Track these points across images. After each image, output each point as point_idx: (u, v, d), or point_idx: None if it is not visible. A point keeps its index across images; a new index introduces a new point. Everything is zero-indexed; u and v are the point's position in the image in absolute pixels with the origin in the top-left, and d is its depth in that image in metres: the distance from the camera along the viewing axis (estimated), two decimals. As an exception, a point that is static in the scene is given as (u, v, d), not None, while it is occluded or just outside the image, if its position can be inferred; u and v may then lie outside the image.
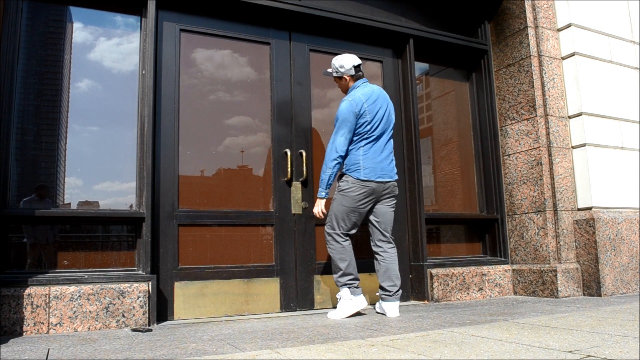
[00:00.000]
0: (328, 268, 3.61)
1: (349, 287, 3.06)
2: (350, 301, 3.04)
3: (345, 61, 3.20)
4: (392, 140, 3.25)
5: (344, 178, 3.14)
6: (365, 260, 3.50)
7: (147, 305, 2.88)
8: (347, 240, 3.10)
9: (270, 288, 3.43)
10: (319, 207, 3.16)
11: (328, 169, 3.09)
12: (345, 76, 3.22)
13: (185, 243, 3.25)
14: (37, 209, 2.88)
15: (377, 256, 3.15)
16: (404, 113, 4.09)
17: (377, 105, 3.14)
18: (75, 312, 2.72)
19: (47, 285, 2.72)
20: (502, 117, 4.44)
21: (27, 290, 2.66)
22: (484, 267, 4.05)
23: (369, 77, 4.14)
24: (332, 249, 3.11)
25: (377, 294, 3.19)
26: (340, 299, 3.08)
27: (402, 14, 4.27)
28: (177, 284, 3.17)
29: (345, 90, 3.28)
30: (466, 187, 4.48)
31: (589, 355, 1.77)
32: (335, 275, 3.10)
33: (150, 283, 2.93)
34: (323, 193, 3.13)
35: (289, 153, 3.55)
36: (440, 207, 4.35)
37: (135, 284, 2.89)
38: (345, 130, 3.07)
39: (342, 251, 3.08)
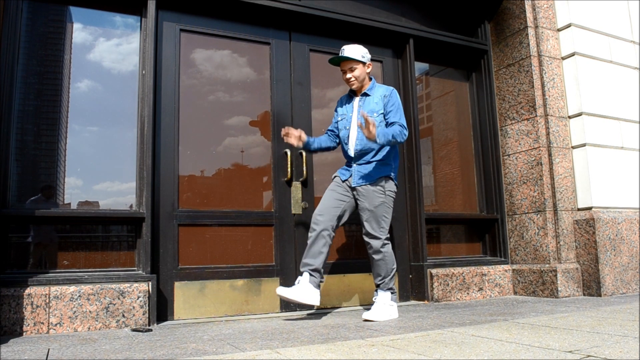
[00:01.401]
0: (328, 268, 3.60)
1: (392, 293, 3.03)
2: (392, 307, 3.00)
3: (365, 49, 3.15)
4: None
5: (389, 181, 3.05)
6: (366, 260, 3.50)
7: (147, 305, 2.88)
8: None
9: (270, 288, 3.43)
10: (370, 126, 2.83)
11: (396, 140, 2.92)
12: (369, 63, 3.14)
13: (185, 243, 3.25)
14: (37, 209, 2.88)
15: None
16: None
17: None
18: (75, 312, 2.72)
19: (47, 285, 2.72)
20: (502, 117, 4.44)
21: (27, 290, 2.66)
22: (484, 267, 4.05)
23: (369, 77, 4.15)
24: (388, 256, 2.99)
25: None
26: (380, 302, 2.97)
27: (402, 14, 4.27)
28: (177, 284, 3.17)
29: (362, 81, 3.10)
30: (466, 187, 4.48)
31: (589, 355, 1.77)
32: (385, 279, 2.99)
33: (150, 283, 2.93)
34: (380, 140, 2.88)
35: (289, 153, 3.55)
36: (440, 207, 4.35)
37: (135, 284, 2.89)
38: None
39: (393, 255, 3.05)
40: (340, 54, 3.10)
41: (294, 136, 3.08)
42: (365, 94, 3.12)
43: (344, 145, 3.15)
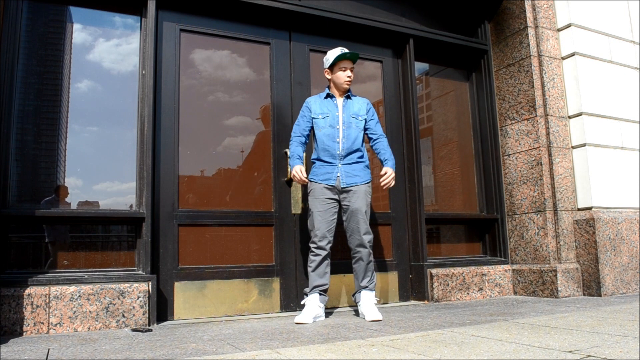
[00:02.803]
0: (328, 268, 3.60)
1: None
2: None
3: None
4: None
5: (371, 184, 3.20)
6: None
7: (147, 305, 2.88)
8: None
9: (270, 288, 3.43)
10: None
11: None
12: None
13: (185, 243, 3.25)
14: (37, 209, 2.88)
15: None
16: (404, 113, 4.10)
17: None
18: (75, 312, 2.72)
19: (47, 285, 2.72)
20: (502, 117, 4.44)
21: (27, 290, 2.66)
22: (484, 267, 4.05)
23: (368, 77, 4.16)
24: (372, 257, 3.11)
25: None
26: (371, 301, 3.06)
27: (402, 14, 4.27)
28: (177, 284, 3.17)
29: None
30: (466, 187, 4.48)
31: (589, 355, 1.77)
32: (372, 278, 3.10)
33: (150, 283, 2.93)
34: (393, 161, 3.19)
35: (289, 153, 3.55)
36: (440, 207, 4.35)
37: (135, 284, 2.89)
38: None
39: None
40: (344, 52, 3.15)
41: (303, 179, 3.09)
42: (349, 97, 3.23)
43: (329, 143, 3.10)
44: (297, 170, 3.08)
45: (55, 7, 3.18)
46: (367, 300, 3.04)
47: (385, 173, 3.09)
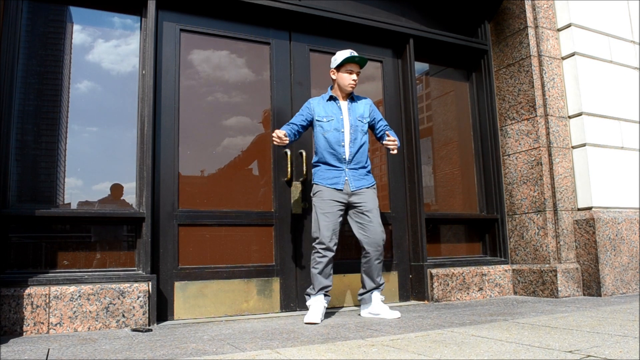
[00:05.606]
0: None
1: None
2: None
3: None
4: None
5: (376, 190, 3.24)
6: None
7: (147, 305, 2.88)
8: None
9: (270, 288, 3.43)
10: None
11: None
12: None
13: (185, 243, 3.25)
14: (37, 209, 2.88)
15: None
16: (404, 113, 4.10)
17: None
18: (75, 312, 2.73)
19: (47, 285, 2.72)
20: (502, 117, 4.44)
21: (27, 290, 2.66)
22: (484, 267, 4.05)
23: (368, 78, 4.16)
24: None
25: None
26: (381, 300, 3.10)
27: (402, 14, 4.27)
28: (177, 284, 3.17)
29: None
30: (466, 187, 4.48)
31: (589, 355, 1.77)
32: (383, 280, 3.14)
33: (150, 283, 2.93)
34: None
35: (289, 153, 3.55)
36: (440, 207, 4.35)
37: (135, 284, 2.89)
38: None
39: None
40: (353, 55, 3.11)
41: (281, 139, 2.96)
42: (352, 99, 3.22)
43: (336, 147, 3.07)
44: (277, 130, 2.95)
45: (55, 7, 3.18)
46: (379, 300, 3.09)
47: (390, 138, 3.11)
